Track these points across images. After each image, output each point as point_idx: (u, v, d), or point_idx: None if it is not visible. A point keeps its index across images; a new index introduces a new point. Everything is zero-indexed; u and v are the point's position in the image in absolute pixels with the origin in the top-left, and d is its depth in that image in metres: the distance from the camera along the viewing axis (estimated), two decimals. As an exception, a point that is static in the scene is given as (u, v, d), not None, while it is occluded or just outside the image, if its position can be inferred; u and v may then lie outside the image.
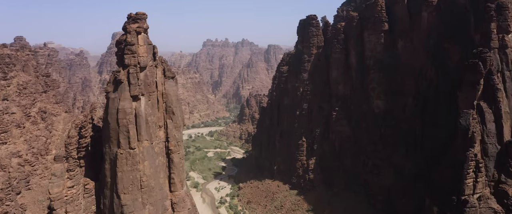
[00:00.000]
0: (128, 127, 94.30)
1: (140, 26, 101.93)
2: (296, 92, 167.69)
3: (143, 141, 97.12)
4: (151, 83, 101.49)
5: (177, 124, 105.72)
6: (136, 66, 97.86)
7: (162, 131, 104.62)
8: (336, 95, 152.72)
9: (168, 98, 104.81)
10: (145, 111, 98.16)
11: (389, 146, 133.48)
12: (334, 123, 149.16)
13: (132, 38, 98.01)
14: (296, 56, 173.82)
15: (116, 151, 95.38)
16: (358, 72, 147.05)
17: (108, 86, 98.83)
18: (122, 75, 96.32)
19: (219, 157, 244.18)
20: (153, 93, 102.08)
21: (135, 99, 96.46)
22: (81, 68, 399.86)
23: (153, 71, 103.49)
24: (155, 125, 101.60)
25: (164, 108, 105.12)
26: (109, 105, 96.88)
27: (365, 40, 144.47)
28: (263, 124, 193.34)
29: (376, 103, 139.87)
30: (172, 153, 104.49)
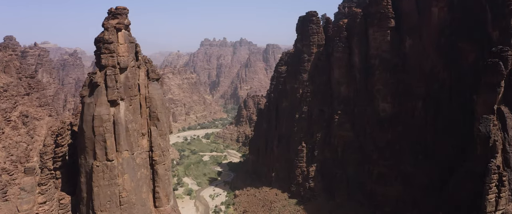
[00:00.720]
0: (105, 135, 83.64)
1: (121, 22, 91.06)
2: (295, 94, 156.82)
3: (122, 152, 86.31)
4: (132, 86, 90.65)
5: (162, 131, 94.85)
6: (114, 67, 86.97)
7: (146, 140, 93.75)
8: (338, 98, 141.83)
9: (152, 103, 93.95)
10: (125, 117, 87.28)
11: (396, 153, 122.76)
12: (336, 127, 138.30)
13: (110, 35, 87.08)
14: (295, 55, 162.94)
15: (92, 163, 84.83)
16: (362, 72, 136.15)
17: (83, 90, 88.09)
18: (99, 78, 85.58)
19: (215, 161, 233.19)
20: (135, 97, 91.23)
21: (113, 104, 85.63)
22: (74, 69, 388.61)
23: (135, 72, 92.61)
24: (137, 133, 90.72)
25: (148, 113, 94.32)
26: (84, 112, 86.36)
27: (369, 38, 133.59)
28: (260, 127, 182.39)
29: (382, 107, 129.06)
30: (157, 164, 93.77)
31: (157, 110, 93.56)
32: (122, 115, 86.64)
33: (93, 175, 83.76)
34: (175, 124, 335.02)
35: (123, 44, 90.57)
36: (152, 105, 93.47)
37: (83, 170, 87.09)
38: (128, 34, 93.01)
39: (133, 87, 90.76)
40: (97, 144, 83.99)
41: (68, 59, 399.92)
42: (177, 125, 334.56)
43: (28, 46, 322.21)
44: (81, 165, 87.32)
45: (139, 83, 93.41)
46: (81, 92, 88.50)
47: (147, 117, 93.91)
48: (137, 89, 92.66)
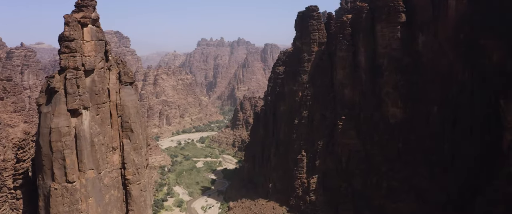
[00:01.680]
0: (63, 152, 69.26)
1: (86, 15, 76.65)
2: (294, 97, 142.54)
3: (86, 171, 71.85)
4: (100, 91, 76.21)
5: (137, 144, 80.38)
6: (77, 69, 72.45)
7: (117, 155, 79.28)
8: (342, 101, 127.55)
9: (125, 111, 79.40)
10: (90, 129, 72.77)
11: (409, 164, 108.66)
12: (340, 134, 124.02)
13: (71, 31, 72.58)
14: (294, 55, 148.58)
15: (49, 185, 70.36)
16: (368, 73, 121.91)
17: (40, 97, 73.67)
18: (57, 82, 71.11)
19: (209, 168, 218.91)
20: (103, 105, 76.77)
21: (74, 114, 71.11)
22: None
23: (104, 75, 78.17)
24: (106, 148, 76.21)
25: (120, 123, 79.72)
26: (41, 124, 72.00)
27: (377, 35, 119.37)
28: (257, 132, 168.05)
29: (391, 112, 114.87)
30: (130, 183, 79.34)
31: (131, 120, 79.09)
32: (86, 126, 72.17)
33: (51, 199, 69.53)
34: (169, 127, 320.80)
35: (90, 42, 76.28)
36: (125, 114, 79.00)
37: (41, 192, 72.95)
38: (96, 30, 78.58)
39: (101, 93, 76.40)
40: (55, 162, 69.69)
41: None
42: (171, 128, 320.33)
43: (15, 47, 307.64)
44: (39, 186, 73.14)
45: (109, 88, 79.12)
46: (37, 100, 74.17)
47: (118, 127, 79.49)
48: (107, 95, 78.32)
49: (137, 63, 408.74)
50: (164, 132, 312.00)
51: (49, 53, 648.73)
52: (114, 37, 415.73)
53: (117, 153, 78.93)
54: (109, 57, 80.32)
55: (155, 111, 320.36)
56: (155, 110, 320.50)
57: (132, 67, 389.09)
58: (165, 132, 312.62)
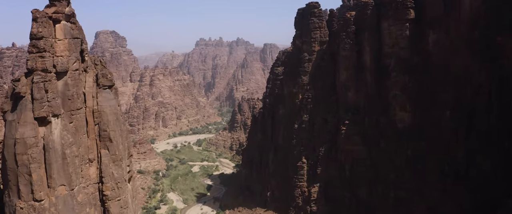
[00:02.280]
0: (29, 167, 60.35)
1: (59, 10, 67.68)
2: (294, 99, 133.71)
3: (56, 187, 62.95)
4: (74, 96, 67.27)
5: (117, 155, 71.36)
6: (46, 71, 63.53)
7: (94, 168, 70.35)
8: (345, 105, 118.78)
9: (103, 118, 70.44)
10: (62, 139, 63.83)
11: (418, 174, 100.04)
12: (343, 140, 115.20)
13: (40, 28, 63.56)
14: (293, 54, 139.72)
15: (15, 203, 61.56)
16: (374, 74, 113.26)
17: (4, 104, 64.82)
18: (23, 86, 62.12)
19: (206, 173, 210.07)
20: (77, 111, 67.82)
21: (42, 123, 62.14)
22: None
23: (78, 78, 69.23)
24: (80, 160, 67.28)
25: (97, 132, 70.78)
26: (6, 133, 62.98)
27: (383, 33, 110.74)
28: (255, 137, 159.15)
29: (399, 116, 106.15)
30: (109, 200, 70.36)
31: (109, 128, 70.17)
32: (57, 136, 63.26)
33: (16, 220, 60.70)
34: (165, 129, 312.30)
35: (63, 41, 67.38)
36: (102, 121, 70.09)
37: (7, 211, 64.01)
38: (71, 27, 69.64)
39: (76, 98, 67.49)
40: (21, 177, 60.87)
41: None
42: (167, 130, 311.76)
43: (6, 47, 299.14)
44: (5, 204, 64.24)
45: (85, 93, 70.25)
46: (1, 107, 65.45)
47: (95, 137, 70.57)
48: (82, 100, 69.41)
49: (133, 63, 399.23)
50: (160, 134, 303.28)
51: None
52: (110, 37, 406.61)
53: (94, 166, 70.05)
54: (86, 58, 71.39)
55: (151, 113, 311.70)
56: (151, 112, 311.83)
57: (128, 67, 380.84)
58: (161, 134, 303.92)
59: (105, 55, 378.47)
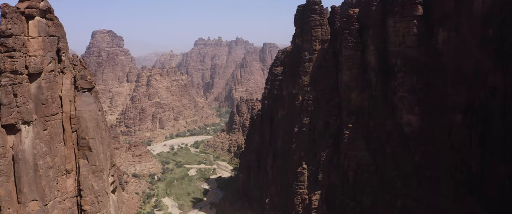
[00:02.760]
0: (-6, 180, 53.32)
1: (33, 5, 60.98)
2: (293, 101, 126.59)
3: (27, 203, 56.17)
4: (49, 100, 60.45)
5: (97, 166, 64.42)
6: (16, 73, 56.69)
7: (71, 180, 63.50)
8: (349, 107, 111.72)
9: (81, 125, 63.47)
10: (34, 149, 56.91)
11: (428, 182, 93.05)
12: (346, 145, 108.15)
13: (9, 25, 56.74)
14: (293, 54, 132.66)
15: (-20, 221, 54.63)
16: (379, 75, 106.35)
17: (-31, 108, 57.89)
18: (-12, 89, 55.19)
19: (202, 176, 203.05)
20: (53, 117, 60.97)
21: (10, 131, 55.26)
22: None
23: (54, 80, 62.35)
24: (56, 171, 60.43)
25: (75, 140, 63.87)
26: (-31, 141, 55.97)
27: (389, 30, 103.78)
28: (253, 140, 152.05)
29: (406, 120, 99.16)
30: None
31: (88, 135, 63.29)
32: (28, 146, 56.38)
33: (-20, 240, 53.87)
34: (162, 131, 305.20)
35: (36, 39, 60.63)
36: (81, 128, 63.20)
37: (-27, 228, 57.06)
38: (46, 23, 62.85)
39: (51, 103, 60.69)
40: (-15, 192, 53.84)
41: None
42: (164, 132, 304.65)
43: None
44: (-29, 220, 57.25)
45: (62, 96, 63.36)
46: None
47: (73, 145, 63.67)
48: (58, 105, 62.55)
49: (130, 63, 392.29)
50: (156, 136, 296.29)
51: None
52: (106, 36, 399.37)
53: (71, 177, 63.25)
54: (63, 57, 64.50)
55: (148, 114, 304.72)
56: (148, 113, 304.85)
57: (125, 67, 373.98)
58: (158, 136, 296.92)
59: (101, 55, 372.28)
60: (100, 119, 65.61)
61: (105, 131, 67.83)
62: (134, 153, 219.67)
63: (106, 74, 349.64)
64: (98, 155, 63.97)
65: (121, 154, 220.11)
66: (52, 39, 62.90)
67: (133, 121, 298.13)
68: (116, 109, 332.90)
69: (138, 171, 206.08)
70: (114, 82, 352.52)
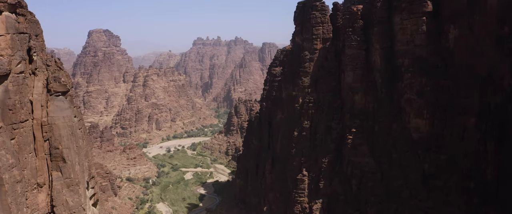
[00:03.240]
0: (-51, 198, 46.37)
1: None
2: (293, 103, 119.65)
3: (-12, 223, 49.06)
4: (17, 105, 53.45)
5: (72, 179, 57.45)
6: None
7: (43, 194, 56.50)
8: (352, 110, 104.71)
9: (54, 133, 56.43)
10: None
11: (438, 192, 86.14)
12: (350, 150, 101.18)
13: (-32, 18, 49.68)
14: (293, 53, 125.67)
15: None
16: (385, 75, 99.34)
17: None
18: None
19: (199, 180, 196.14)
20: (22, 124, 53.96)
21: (-32, 140, 48.23)
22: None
23: (24, 83, 55.27)
24: (25, 186, 53.49)
25: (47, 150, 56.84)
26: None
27: (396, 28, 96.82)
28: (250, 144, 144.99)
29: (414, 124, 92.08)
30: (62, 235, 56.29)
31: (62, 144, 56.30)
32: (-10, 157, 49.32)
33: None
34: (159, 132, 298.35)
35: (4, 36, 53.81)
36: (54, 136, 56.20)
37: None
38: (16, 19, 55.87)
39: (19, 108, 53.72)
40: None
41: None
42: (161, 133, 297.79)
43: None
44: None
45: (33, 101, 56.30)
46: None
47: (46, 156, 56.66)
48: (28, 110, 55.53)
49: (127, 63, 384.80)
50: (153, 137, 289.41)
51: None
52: (103, 36, 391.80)
53: (43, 192, 56.27)
54: (34, 57, 57.48)
55: (144, 115, 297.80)
56: (144, 114, 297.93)
57: (121, 67, 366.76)
58: (155, 138, 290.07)
59: (97, 55, 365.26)
60: (76, 126, 58.58)
61: (82, 139, 60.78)
62: (128, 156, 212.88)
63: (102, 75, 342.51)
64: (73, 167, 57.03)
65: (115, 157, 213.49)
66: (22, 37, 55.90)
67: (129, 122, 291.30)
68: (112, 110, 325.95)
69: (132, 174, 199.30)
70: (110, 82, 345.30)
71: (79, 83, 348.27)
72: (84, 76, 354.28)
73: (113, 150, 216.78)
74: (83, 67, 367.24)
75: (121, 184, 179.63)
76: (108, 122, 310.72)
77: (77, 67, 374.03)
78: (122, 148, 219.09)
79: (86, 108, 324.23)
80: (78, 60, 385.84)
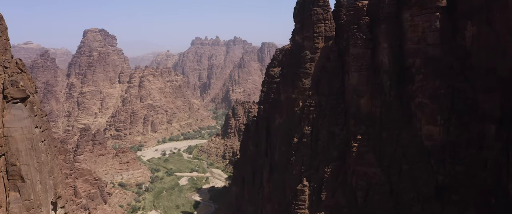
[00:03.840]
0: None
1: None
2: (292, 107, 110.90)
3: None
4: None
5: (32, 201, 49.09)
6: None
7: (-4, 219, 47.69)
8: (357, 115, 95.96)
9: (10, 147, 47.63)
10: None
11: (453, 206, 77.68)
12: (355, 159, 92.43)
13: None
14: (293, 53, 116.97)
15: None
16: (393, 77, 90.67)
17: None
18: None
19: (194, 186, 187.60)
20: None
21: None
22: (44, 71, 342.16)
23: (-27, 87, 46.53)
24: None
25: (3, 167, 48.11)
26: None
27: (405, 25, 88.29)
28: (247, 150, 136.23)
29: (427, 131, 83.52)
30: None
31: (20, 160, 47.62)
32: None
33: None
34: (154, 135, 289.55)
35: None
36: (11, 151, 47.49)
37: None
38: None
39: (-35, 117, 44.85)
40: None
41: (37, 60, 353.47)
42: (156, 136, 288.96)
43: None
44: None
45: (-16, 108, 47.52)
46: None
47: (1, 173, 47.93)
48: (-22, 120, 46.79)
49: (123, 63, 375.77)
50: (148, 140, 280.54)
51: (37, 53, 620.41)
52: (98, 35, 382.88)
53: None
54: (-12, 57, 48.70)
55: (139, 117, 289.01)
56: (139, 115, 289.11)
57: (117, 68, 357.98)
58: (150, 140, 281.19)
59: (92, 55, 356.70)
60: (37, 139, 49.88)
61: (46, 153, 51.98)
62: (121, 160, 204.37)
63: (96, 75, 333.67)
64: (34, 186, 48.41)
65: (108, 161, 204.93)
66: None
67: (124, 124, 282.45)
68: (107, 111, 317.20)
69: (125, 179, 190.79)
70: (105, 83, 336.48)
71: (74, 84, 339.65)
72: (78, 77, 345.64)
73: (105, 154, 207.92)
74: (78, 68, 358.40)
75: (112, 190, 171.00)
76: (102, 124, 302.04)
77: (72, 68, 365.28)
78: (115, 152, 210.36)
79: (80, 109, 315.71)
80: (72, 60, 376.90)
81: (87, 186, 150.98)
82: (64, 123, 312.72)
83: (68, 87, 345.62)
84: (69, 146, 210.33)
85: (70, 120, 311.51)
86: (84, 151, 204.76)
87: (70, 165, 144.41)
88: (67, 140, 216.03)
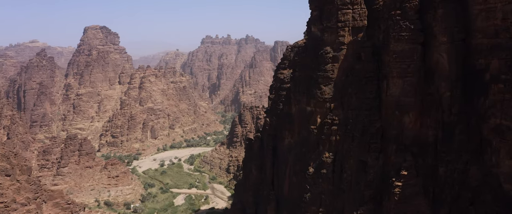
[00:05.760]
0: None
1: None
2: (307, 124, 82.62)
3: None
4: None
5: None
6: None
7: None
8: (401, 139, 67.41)
9: None
10: None
11: None
12: (398, 202, 63.98)
13: None
14: (308, 50, 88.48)
15: None
16: (456, 86, 61.89)
17: None
18: None
19: (191, 207, 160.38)
20: None
21: None
22: (39, 71, 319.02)
23: None
24: None
25: None
26: None
27: (474, 10, 59.75)
28: (249, 174, 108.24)
29: (508, 168, 54.95)
30: None
31: None
32: None
33: None
34: (154, 141, 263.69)
35: None
36: None
37: None
38: None
39: None
40: None
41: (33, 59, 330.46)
42: (156, 142, 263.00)
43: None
44: None
45: None
46: None
47: None
48: None
49: (126, 63, 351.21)
50: (147, 147, 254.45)
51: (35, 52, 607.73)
52: (99, 33, 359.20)
53: None
54: None
55: (138, 121, 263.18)
56: (138, 120, 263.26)
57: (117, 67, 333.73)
58: (149, 148, 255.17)
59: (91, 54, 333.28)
60: None
61: None
62: (110, 174, 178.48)
63: (94, 75, 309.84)
64: None
65: (95, 174, 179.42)
66: None
67: (121, 129, 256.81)
68: (104, 115, 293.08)
69: (112, 197, 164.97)
70: (104, 84, 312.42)
71: (71, 85, 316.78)
72: (76, 77, 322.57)
73: (93, 165, 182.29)
74: (76, 67, 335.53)
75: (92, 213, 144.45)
76: (99, 129, 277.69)
77: (70, 67, 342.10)
78: (104, 164, 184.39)
79: (75, 112, 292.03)
80: (71, 59, 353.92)
81: (57, 211, 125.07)
82: (59, 127, 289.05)
83: (65, 88, 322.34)
84: (53, 157, 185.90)
85: (65, 124, 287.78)
86: (68, 162, 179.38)
87: (36, 187, 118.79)
88: (51, 149, 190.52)
